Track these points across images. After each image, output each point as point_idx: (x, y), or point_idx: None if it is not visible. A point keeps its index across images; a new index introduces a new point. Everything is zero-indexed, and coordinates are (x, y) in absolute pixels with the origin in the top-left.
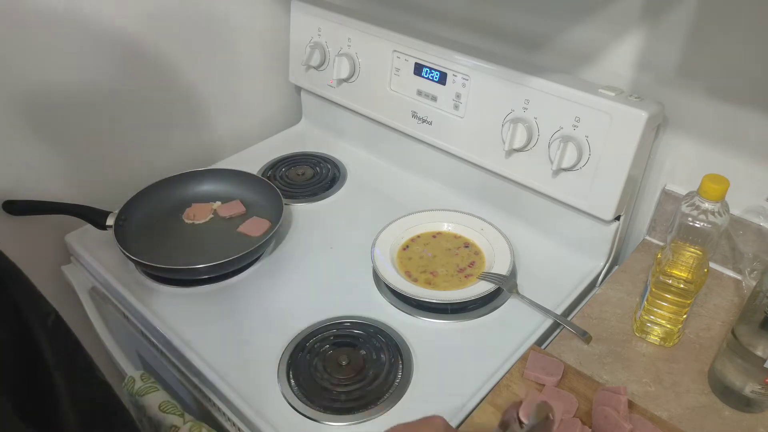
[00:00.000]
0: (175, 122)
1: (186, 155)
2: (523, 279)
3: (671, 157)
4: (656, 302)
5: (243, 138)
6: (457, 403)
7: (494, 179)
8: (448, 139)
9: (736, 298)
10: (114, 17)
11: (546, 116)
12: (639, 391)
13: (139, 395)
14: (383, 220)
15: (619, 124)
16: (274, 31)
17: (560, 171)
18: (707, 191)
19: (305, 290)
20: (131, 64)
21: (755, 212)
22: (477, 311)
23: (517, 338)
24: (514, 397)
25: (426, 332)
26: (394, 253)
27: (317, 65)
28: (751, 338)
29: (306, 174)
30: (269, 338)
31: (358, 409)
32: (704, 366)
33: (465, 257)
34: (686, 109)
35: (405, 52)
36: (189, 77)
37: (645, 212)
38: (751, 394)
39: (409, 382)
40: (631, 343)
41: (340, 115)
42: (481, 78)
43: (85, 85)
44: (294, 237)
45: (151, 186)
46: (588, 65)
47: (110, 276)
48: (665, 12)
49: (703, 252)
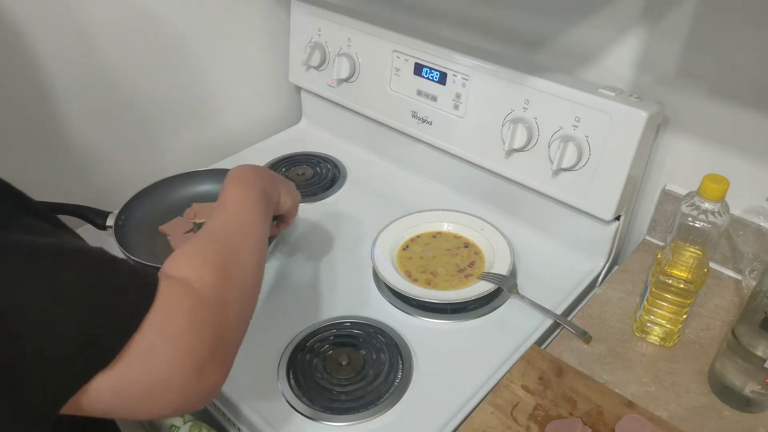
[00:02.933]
0: (175, 122)
1: (186, 155)
2: (523, 279)
3: (671, 157)
4: (656, 302)
5: (243, 138)
6: (457, 403)
7: (494, 179)
8: (448, 139)
9: (736, 298)
10: (114, 18)
11: (546, 116)
12: (639, 391)
13: None
14: (383, 220)
15: (619, 124)
16: (274, 31)
17: (560, 171)
18: (707, 191)
19: (305, 290)
20: (131, 64)
21: (755, 212)
22: (477, 311)
23: (517, 338)
24: (514, 397)
25: (426, 332)
26: (394, 253)
27: (317, 65)
28: (751, 338)
29: (306, 174)
30: (269, 338)
31: (358, 409)
32: (704, 366)
33: (465, 257)
34: (686, 109)
35: (405, 52)
36: (189, 77)
37: (645, 212)
38: (751, 394)
39: (409, 382)
40: (631, 343)
41: (340, 115)
42: (481, 78)
43: (84, 85)
44: (294, 237)
45: (151, 186)
46: (588, 65)
47: None
48: (665, 12)
49: (703, 252)
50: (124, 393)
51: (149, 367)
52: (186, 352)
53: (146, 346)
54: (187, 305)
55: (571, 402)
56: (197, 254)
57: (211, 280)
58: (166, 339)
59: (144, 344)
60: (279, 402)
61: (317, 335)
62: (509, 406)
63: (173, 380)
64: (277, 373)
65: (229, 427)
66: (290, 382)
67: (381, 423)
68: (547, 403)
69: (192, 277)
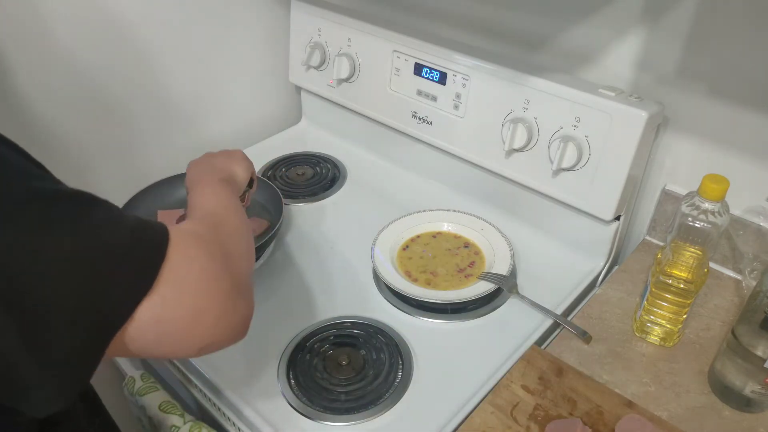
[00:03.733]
0: (175, 122)
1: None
2: (523, 279)
3: (671, 157)
4: (656, 302)
5: (243, 138)
6: (457, 403)
7: (494, 179)
8: (448, 139)
9: (736, 298)
10: (114, 18)
11: (546, 116)
12: (639, 391)
13: (139, 395)
14: (383, 220)
15: (619, 124)
16: (274, 31)
17: (560, 171)
18: (707, 191)
19: (305, 290)
20: (131, 65)
21: (755, 212)
22: (477, 311)
23: (517, 338)
24: (514, 397)
25: (426, 332)
26: (394, 253)
27: (317, 65)
28: (751, 338)
29: (306, 174)
30: (269, 338)
31: (358, 409)
32: (704, 366)
33: (465, 257)
34: (686, 109)
35: (405, 52)
36: (189, 77)
37: (645, 212)
38: (751, 394)
39: (409, 382)
40: (631, 343)
41: (340, 115)
42: (481, 78)
43: (84, 85)
44: (294, 237)
45: (151, 186)
46: (588, 65)
47: None
48: (665, 12)
49: (703, 252)
50: (166, 323)
51: (183, 295)
52: (212, 281)
53: (174, 276)
54: (197, 243)
55: (571, 402)
56: (189, 222)
57: (210, 233)
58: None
59: (172, 274)
60: (279, 402)
61: (317, 335)
62: (509, 406)
63: (211, 309)
64: (277, 373)
65: (229, 427)
66: (290, 382)
67: (381, 423)
68: (547, 403)
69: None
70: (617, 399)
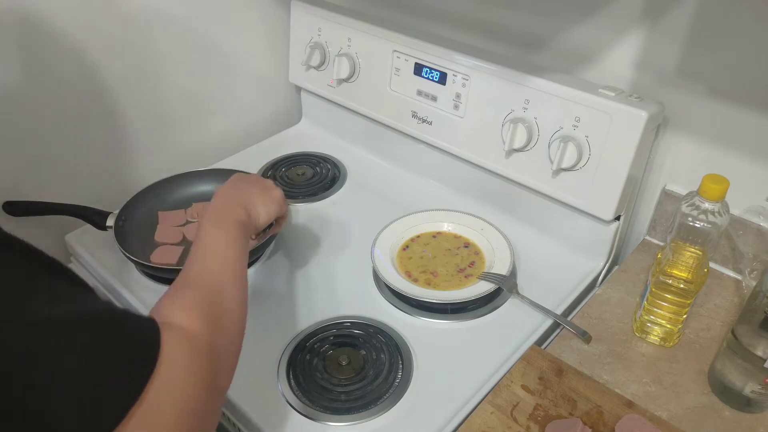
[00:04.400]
0: (176, 122)
1: (186, 155)
2: (523, 279)
3: (671, 157)
4: (656, 302)
5: (243, 138)
6: (457, 403)
7: (494, 179)
8: (448, 139)
9: (736, 298)
10: (114, 18)
11: (546, 116)
12: (639, 391)
13: None
14: (383, 220)
15: (619, 124)
16: (274, 31)
17: (560, 171)
18: (707, 191)
19: (305, 290)
20: (132, 65)
21: (755, 212)
22: (477, 311)
23: (517, 338)
24: (514, 397)
25: (426, 332)
26: (394, 253)
27: (317, 65)
28: (751, 338)
29: (306, 174)
30: (269, 338)
31: (358, 409)
32: (704, 366)
33: (465, 257)
34: (686, 109)
35: (405, 52)
36: (189, 77)
37: (645, 212)
38: (751, 394)
39: (409, 382)
40: (631, 343)
41: (340, 115)
42: (481, 78)
43: (84, 85)
44: (294, 237)
45: (151, 186)
46: (588, 65)
47: (110, 276)
48: (665, 12)
49: (703, 252)
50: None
51: (154, 423)
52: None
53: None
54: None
55: (571, 402)
56: (185, 303)
57: (201, 328)
58: (168, 395)
59: (146, 404)
60: (279, 402)
61: (317, 335)
62: (509, 406)
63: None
64: (277, 373)
65: (229, 427)
66: (290, 382)
67: (381, 423)
68: (547, 403)
69: (185, 325)
70: (617, 399)
